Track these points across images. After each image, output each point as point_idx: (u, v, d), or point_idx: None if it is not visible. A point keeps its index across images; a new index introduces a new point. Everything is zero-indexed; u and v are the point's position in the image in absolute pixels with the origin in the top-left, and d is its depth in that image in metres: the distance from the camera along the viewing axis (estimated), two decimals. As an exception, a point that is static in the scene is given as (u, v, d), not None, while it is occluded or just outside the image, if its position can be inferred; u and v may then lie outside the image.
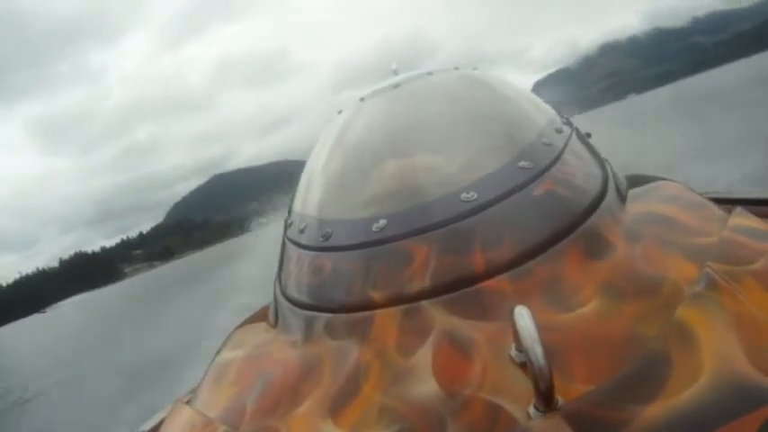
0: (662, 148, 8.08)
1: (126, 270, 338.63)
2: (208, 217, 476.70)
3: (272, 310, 1.01)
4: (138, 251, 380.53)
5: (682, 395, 0.46)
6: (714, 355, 0.49)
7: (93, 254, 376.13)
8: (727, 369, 0.48)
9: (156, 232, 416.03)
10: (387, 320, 0.70)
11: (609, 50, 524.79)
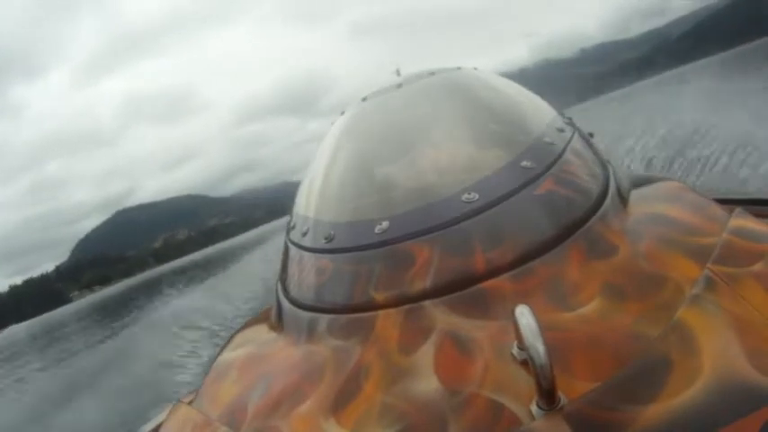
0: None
1: (72, 295, 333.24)
2: (119, 251, 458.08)
3: (274, 312, 1.00)
4: (58, 284, 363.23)
5: (682, 396, 0.46)
6: (714, 356, 0.49)
7: (42, 277, 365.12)
8: (727, 370, 0.48)
9: (75, 266, 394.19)
10: (389, 320, 0.70)
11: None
